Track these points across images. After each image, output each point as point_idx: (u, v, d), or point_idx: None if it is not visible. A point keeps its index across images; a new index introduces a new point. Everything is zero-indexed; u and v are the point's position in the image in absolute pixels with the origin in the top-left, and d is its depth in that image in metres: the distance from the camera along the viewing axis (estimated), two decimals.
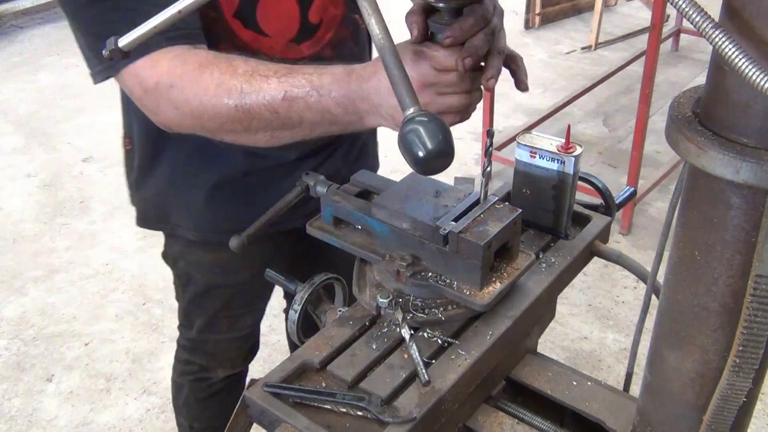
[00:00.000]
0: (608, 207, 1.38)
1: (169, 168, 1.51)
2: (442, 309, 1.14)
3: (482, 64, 1.08)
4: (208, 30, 1.23)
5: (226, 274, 1.67)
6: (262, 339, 2.88)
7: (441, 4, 1.02)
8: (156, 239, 1.81)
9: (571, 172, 1.24)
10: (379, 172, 1.42)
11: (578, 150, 1.23)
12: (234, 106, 1.12)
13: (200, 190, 1.51)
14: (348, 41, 1.48)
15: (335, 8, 1.41)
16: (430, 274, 1.13)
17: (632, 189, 1.47)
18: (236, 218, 1.45)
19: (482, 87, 1.09)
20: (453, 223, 1.10)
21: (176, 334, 1.91)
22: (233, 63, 1.14)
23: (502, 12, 1.09)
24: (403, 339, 1.10)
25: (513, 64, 1.16)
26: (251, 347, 1.98)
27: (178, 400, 2.02)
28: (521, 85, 1.17)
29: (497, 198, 1.16)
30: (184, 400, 1.99)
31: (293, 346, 2.01)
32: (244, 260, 1.54)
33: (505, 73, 1.15)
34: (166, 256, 1.74)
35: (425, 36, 1.06)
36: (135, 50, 0.98)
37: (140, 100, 1.21)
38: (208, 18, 1.23)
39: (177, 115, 1.18)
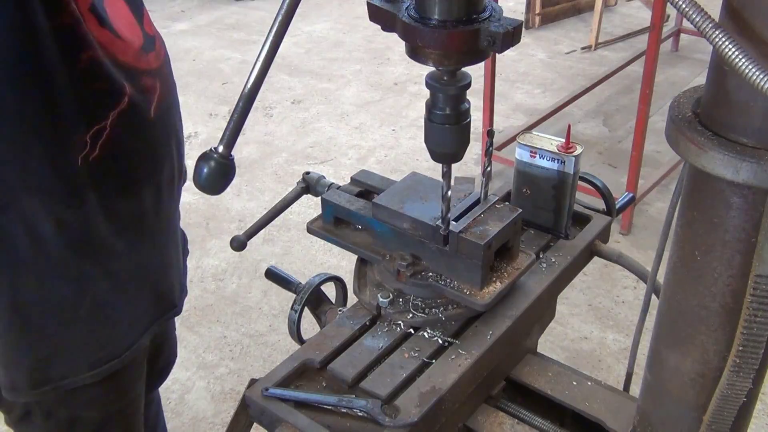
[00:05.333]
0: (608, 207, 1.38)
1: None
2: (442, 309, 1.14)
3: None
4: (66, 41, 1.02)
5: (123, 396, 1.37)
6: (261, 339, 2.89)
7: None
8: None
9: (572, 172, 1.24)
10: (379, 172, 1.42)
11: (578, 150, 1.23)
12: None
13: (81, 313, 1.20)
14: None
15: (157, 31, 1.28)
16: (430, 273, 1.13)
17: (631, 195, 1.47)
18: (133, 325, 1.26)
19: None
20: (453, 222, 1.10)
21: None
22: None
23: None
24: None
25: None
26: None
27: None
28: None
29: (497, 198, 1.16)
30: None
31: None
32: (135, 371, 1.36)
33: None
34: (27, 418, 1.31)
35: None
36: None
37: None
38: (64, 27, 1.01)
39: None
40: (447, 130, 0.99)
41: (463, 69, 0.96)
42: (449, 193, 1.06)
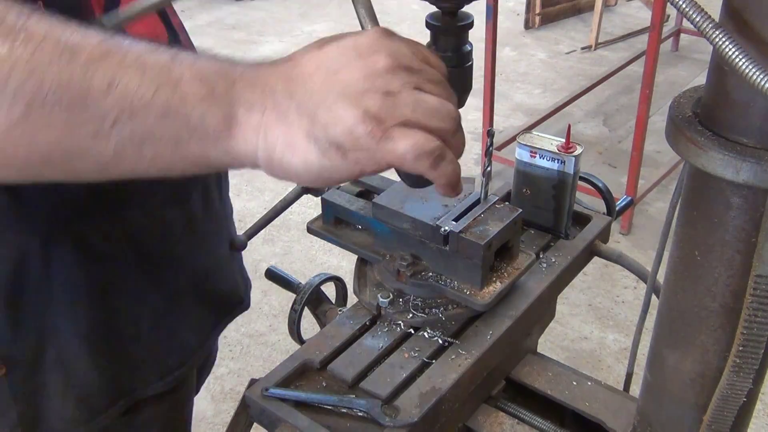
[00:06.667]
0: (609, 207, 1.38)
1: None
2: (442, 309, 1.14)
3: None
4: None
5: (182, 410, 1.30)
6: (261, 339, 2.89)
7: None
8: None
9: (572, 172, 1.24)
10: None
11: (578, 150, 1.23)
12: None
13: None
14: None
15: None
16: (430, 273, 1.13)
17: (629, 198, 1.47)
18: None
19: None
20: (453, 222, 1.10)
21: None
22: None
23: None
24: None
25: None
26: None
27: None
28: None
29: (497, 198, 1.16)
30: None
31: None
32: (192, 382, 1.30)
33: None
34: None
35: None
36: None
37: None
38: None
39: None
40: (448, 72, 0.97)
41: (465, 9, 0.94)
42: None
